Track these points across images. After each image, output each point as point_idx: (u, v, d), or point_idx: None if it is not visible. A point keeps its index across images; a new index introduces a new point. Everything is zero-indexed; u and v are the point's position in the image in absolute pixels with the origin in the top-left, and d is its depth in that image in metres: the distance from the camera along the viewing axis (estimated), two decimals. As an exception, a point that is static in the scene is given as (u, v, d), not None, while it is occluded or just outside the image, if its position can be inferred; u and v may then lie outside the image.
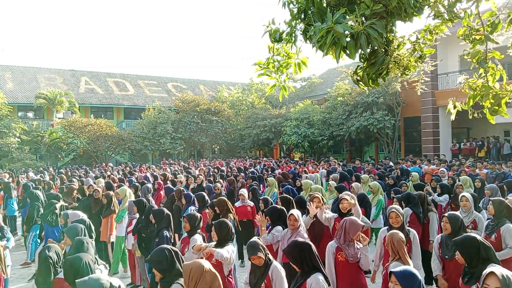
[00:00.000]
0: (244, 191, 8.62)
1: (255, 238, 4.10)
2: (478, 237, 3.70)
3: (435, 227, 6.56)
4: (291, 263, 3.73)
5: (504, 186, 9.21)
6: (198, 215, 5.39)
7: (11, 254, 6.69)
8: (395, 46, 3.30)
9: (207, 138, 31.89)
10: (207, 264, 2.99)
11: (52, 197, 8.02)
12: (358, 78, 3.47)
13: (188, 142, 31.79)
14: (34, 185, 11.10)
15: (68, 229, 4.69)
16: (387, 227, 5.42)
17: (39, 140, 28.70)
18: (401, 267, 3.13)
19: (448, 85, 21.84)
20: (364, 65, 3.31)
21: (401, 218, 5.22)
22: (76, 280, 2.74)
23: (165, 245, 3.57)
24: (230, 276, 4.68)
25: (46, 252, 3.98)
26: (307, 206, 6.04)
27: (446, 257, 4.77)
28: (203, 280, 2.86)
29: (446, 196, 8.24)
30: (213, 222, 5.09)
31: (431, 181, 9.62)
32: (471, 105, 3.92)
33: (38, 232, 8.48)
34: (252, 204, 8.55)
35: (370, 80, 3.38)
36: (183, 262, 3.48)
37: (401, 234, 4.30)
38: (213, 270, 2.99)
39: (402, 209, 5.94)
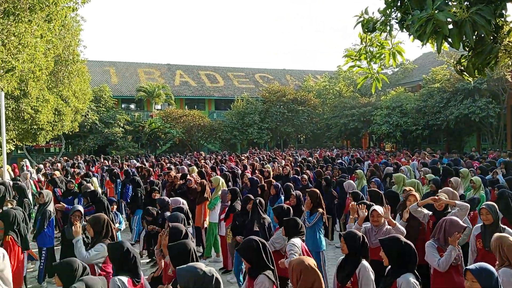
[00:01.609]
0: None
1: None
2: None
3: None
4: (384, 254, 3.60)
5: None
6: (285, 206, 5.44)
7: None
8: (506, 33, 2.95)
9: (293, 128, 31.97)
10: (307, 260, 3.09)
11: (153, 185, 8.70)
12: (462, 68, 3.20)
13: (274, 132, 32.19)
14: (134, 172, 12.08)
15: (170, 217, 5.08)
16: (481, 224, 5.00)
17: (140, 130, 31.19)
18: (477, 264, 2.96)
19: None
20: (469, 54, 3.04)
21: (493, 215, 4.81)
22: (177, 267, 2.96)
23: (254, 237, 3.70)
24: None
25: None
26: (406, 210, 5.71)
27: (486, 248, 4.64)
28: (307, 274, 2.99)
29: None
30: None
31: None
32: None
33: (141, 215, 9.28)
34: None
35: (476, 71, 3.10)
36: (270, 253, 3.59)
37: None
38: (314, 266, 3.06)
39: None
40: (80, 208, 5.95)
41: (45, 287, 7.08)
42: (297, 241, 4.60)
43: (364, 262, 3.86)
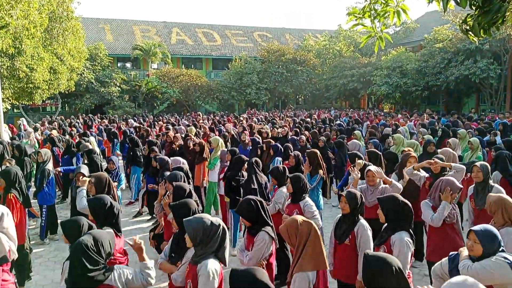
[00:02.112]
0: None
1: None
2: None
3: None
4: (381, 212, 3.69)
5: None
6: (281, 167, 5.47)
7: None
8: (515, -9, 2.86)
9: (292, 89, 31.69)
10: (300, 218, 3.18)
11: (152, 144, 8.72)
12: (468, 28, 3.12)
13: (273, 93, 31.93)
14: (132, 132, 12.03)
15: (169, 176, 5.13)
16: (473, 185, 5.10)
17: (137, 89, 30.89)
18: (481, 226, 3.01)
19: None
20: (476, 13, 2.95)
21: (483, 174, 4.92)
22: (184, 219, 3.06)
23: (252, 196, 3.77)
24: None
25: None
26: (404, 172, 5.75)
27: (477, 207, 4.81)
28: (302, 233, 3.08)
29: None
30: (288, 175, 5.16)
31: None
32: None
33: (139, 174, 9.38)
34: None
35: (482, 30, 3.02)
36: (268, 211, 3.71)
37: None
38: (307, 219, 3.18)
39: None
40: (84, 170, 5.98)
41: (47, 243, 7.26)
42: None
43: (362, 220, 3.96)
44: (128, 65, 35.98)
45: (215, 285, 2.83)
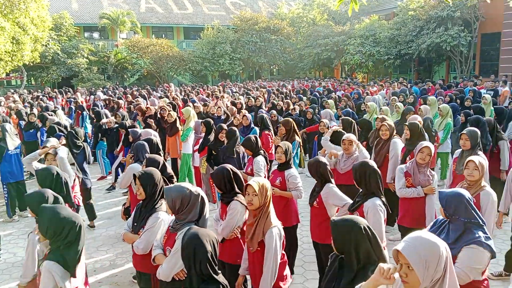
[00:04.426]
0: None
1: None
2: None
3: (506, 156, 6.14)
4: (354, 180, 3.72)
5: None
6: (253, 137, 5.43)
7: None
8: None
9: (266, 59, 31.29)
10: (266, 181, 3.25)
11: (123, 118, 8.49)
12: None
13: (247, 63, 31.48)
14: (97, 104, 11.69)
15: (135, 146, 5.07)
16: (461, 149, 5.17)
17: (105, 60, 29.82)
18: (448, 190, 3.03)
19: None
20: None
21: (471, 142, 4.95)
22: (164, 187, 3.04)
23: (226, 165, 3.73)
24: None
25: None
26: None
27: (457, 171, 4.90)
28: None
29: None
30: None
31: (510, 103, 8.87)
32: None
33: (104, 148, 9.16)
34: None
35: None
36: (241, 180, 3.70)
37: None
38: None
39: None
40: (50, 143, 5.74)
41: (16, 220, 7.06)
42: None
43: (330, 184, 4.05)
44: (96, 35, 34.64)
45: None
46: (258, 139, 5.54)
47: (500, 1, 18.96)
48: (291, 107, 10.68)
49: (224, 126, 6.57)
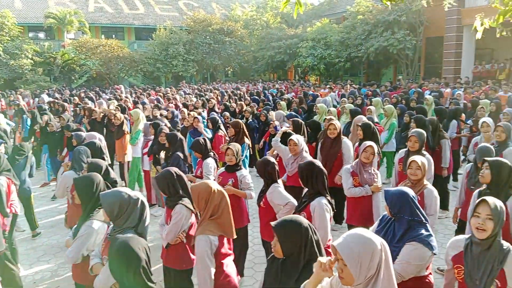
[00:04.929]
0: None
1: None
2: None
3: (447, 154, 6.45)
4: (300, 180, 3.73)
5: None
6: (201, 140, 5.37)
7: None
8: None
9: (220, 60, 31.14)
10: (214, 184, 3.09)
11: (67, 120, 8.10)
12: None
13: (201, 64, 31.18)
14: (44, 108, 11.14)
15: (75, 150, 4.84)
16: (406, 149, 5.34)
17: (51, 61, 28.48)
18: (393, 188, 3.10)
19: (476, 2, 20.36)
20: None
21: (419, 143, 5.12)
22: (100, 193, 2.85)
23: (171, 168, 3.63)
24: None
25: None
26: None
27: (404, 171, 4.92)
28: (211, 200, 3.00)
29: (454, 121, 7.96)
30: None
31: (450, 104, 9.35)
32: (500, 23, 3.60)
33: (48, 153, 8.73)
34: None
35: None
36: (186, 184, 3.60)
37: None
38: (221, 189, 3.10)
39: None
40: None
41: None
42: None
43: (275, 184, 4.08)
44: (41, 35, 33.02)
45: None
46: (207, 141, 5.49)
47: (442, 6, 19.97)
48: (245, 109, 10.66)
49: (166, 129, 6.44)
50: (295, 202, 3.94)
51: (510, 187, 3.52)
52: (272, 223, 2.36)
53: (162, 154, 6.10)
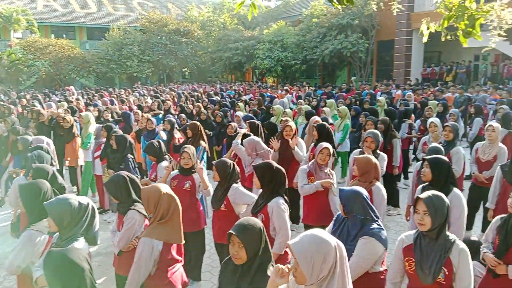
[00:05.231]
0: None
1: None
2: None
3: (398, 153, 6.71)
4: (257, 179, 3.73)
5: (472, 108, 9.31)
6: (156, 142, 5.25)
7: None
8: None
9: (177, 61, 30.69)
10: (164, 188, 3.03)
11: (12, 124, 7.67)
12: (331, -5, 3.19)
13: (156, 65, 30.58)
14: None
15: (27, 158, 4.56)
16: (361, 149, 5.47)
17: (-3, 62, 26.95)
18: (347, 188, 3.19)
19: (424, 7, 21.35)
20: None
21: (375, 144, 5.28)
22: (44, 203, 2.69)
23: (123, 172, 3.50)
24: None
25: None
26: (270, 141, 5.96)
27: None
28: (161, 203, 2.95)
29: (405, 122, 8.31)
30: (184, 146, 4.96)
31: (400, 105, 9.71)
32: (445, 27, 3.77)
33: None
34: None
35: (344, -2, 3.13)
36: (139, 188, 3.49)
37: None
38: (171, 192, 3.04)
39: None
40: None
41: None
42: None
43: (235, 184, 4.05)
44: (-15, 34, 31.13)
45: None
46: (162, 144, 5.37)
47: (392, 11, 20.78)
48: (202, 110, 10.54)
49: (120, 132, 6.26)
50: None
51: (451, 183, 3.73)
52: (234, 230, 2.30)
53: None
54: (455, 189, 3.70)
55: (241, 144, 5.72)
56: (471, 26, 3.45)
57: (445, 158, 3.85)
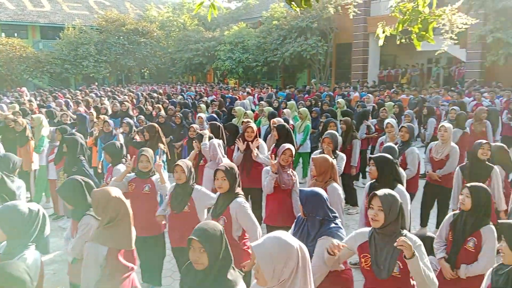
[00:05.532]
0: None
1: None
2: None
3: (357, 154, 6.90)
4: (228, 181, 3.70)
5: (425, 110, 9.69)
6: (118, 143, 5.10)
7: None
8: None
9: (135, 62, 30.02)
10: (114, 191, 2.95)
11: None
12: (290, -3, 3.21)
13: (114, 66, 29.77)
14: None
15: None
16: (320, 150, 5.54)
17: None
18: (307, 189, 3.24)
19: (380, 11, 22.06)
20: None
21: (333, 144, 5.37)
22: None
23: (76, 176, 3.36)
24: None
25: None
26: (236, 141, 5.95)
27: None
28: (109, 207, 2.88)
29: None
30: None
31: (358, 106, 9.96)
32: (400, 31, 3.89)
33: None
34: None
35: (303, 1, 3.15)
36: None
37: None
38: (121, 197, 2.96)
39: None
40: None
41: None
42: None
43: (197, 186, 4.06)
44: None
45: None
46: (124, 147, 5.21)
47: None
48: (161, 113, 10.35)
49: (78, 134, 6.04)
50: None
51: (395, 180, 3.93)
52: (195, 235, 2.24)
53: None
54: (399, 185, 3.92)
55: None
56: (425, 30, 3.59)
57: (390, 156, 4.03)
